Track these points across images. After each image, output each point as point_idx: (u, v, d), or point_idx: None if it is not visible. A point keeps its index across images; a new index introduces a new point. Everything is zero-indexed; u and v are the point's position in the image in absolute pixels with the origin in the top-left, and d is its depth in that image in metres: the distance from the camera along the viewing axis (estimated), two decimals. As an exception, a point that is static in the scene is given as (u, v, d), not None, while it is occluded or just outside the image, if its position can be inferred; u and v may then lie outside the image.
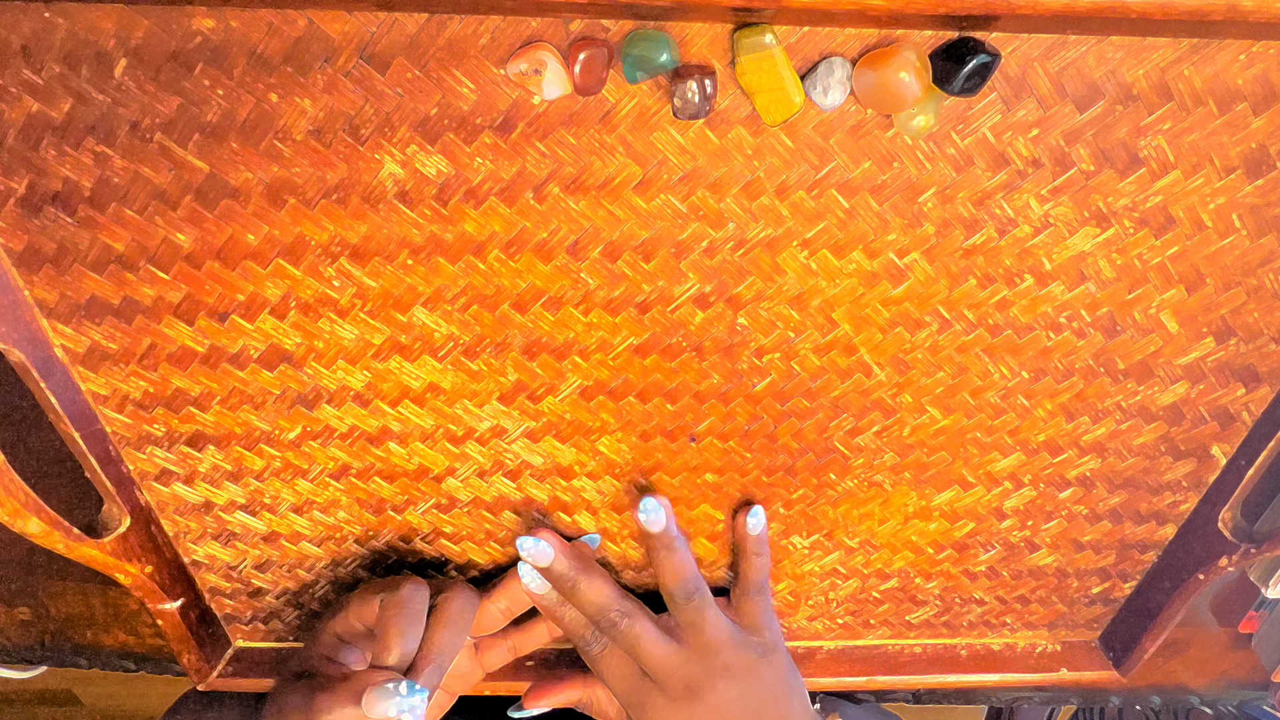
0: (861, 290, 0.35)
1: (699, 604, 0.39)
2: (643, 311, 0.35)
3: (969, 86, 0.28)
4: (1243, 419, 0.39)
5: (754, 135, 0.31)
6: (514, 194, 0.32)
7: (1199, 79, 0.30)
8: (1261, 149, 0.31)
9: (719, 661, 0.38)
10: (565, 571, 0.39)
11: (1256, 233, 0.33)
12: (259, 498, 0.40)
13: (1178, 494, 0.42)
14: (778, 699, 0.39)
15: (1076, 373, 0.37)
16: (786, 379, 0.37)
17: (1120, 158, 0.31)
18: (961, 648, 0.49)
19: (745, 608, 0.41)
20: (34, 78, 0.28)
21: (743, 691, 0.38)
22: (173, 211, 0.31)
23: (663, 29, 0.28)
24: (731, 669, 0.38)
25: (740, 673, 0.38)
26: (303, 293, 0.33)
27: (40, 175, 0.30)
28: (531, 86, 0.29)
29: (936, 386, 0.37)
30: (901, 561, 0.44)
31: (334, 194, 0.31)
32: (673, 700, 0.37)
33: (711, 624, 0.39)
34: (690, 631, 0.39)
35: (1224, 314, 0.36)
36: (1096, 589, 0.46)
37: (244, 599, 0.44)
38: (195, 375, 0.35)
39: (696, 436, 0.39)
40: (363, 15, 0.28)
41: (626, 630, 0.38)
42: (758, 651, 0.39)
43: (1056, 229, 0.33)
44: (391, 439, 0.38)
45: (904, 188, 0.32)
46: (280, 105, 0.29)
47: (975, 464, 0.40)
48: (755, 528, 0.41)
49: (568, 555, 0.39)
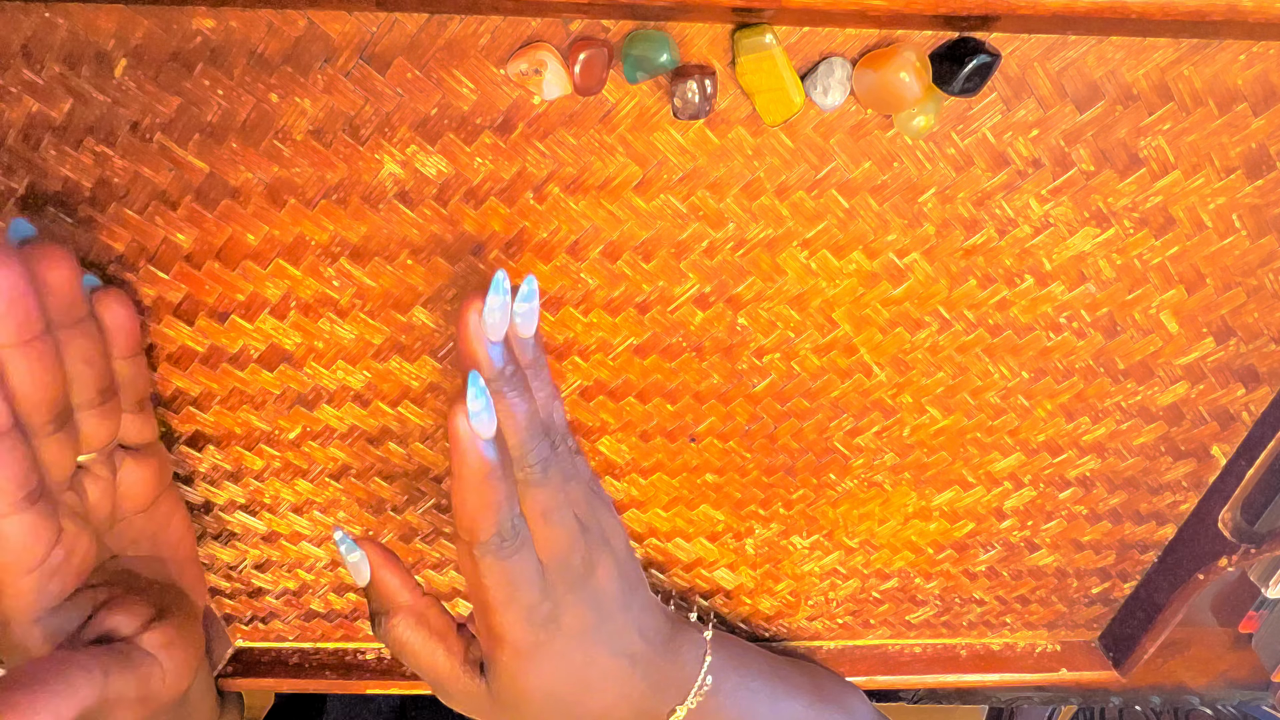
0: (861, 290, 0.35)
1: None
2: (643, 311, 0.35)
3: (969, 87, 0.28)
4: (1243, 419, 0.39)
5: (754, 135, 0.31)
6: (514, 194, 0.32)
7: (1199, 79, 0.30)
8: (1261, 149, 0.31)
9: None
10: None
11: (1256, 233, 0.33)
12: (259, 498, 0.40)
13: (1178, 494, 0.42)
14: (586, 679, 0.33)
15: (1076, 373, 0.37)
16: (786, 379, 0.37)
17: (1120, 158, 0.31)
18: (961, 648, 0.49)
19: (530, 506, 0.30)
20: (34, 78, 0.28)
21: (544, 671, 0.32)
22: (173, 211, 0.31)
23: (663, 29, 0.28)
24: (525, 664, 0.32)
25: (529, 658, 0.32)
26: (303, 293, 0.34)
27: (40, 175, 0.30)
28: (531, 86, 0.29)
29: (936, 387, 0.37)
30: (901, 561, 0.44)
31: (334, 194, 0.31)
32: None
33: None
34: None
35: (1224, 314, 0.36)
36: (1096, 589, 0.46)
37: (244, 599, 0.44)
38: (195, 375, 0.35)
39: (696, 436, 0.39)
40: (363, 15, 0.28)
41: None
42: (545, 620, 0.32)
43: (1056, 229, 0.33)
44: (391, 439, 0.38)
45: (904, 188, 0.32)
46: (280, 105, 0.29)
47: (975, 464, 0.40)
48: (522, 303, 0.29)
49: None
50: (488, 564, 0.29)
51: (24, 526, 0.27)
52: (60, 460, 0.29)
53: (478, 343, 0.28)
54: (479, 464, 0.27)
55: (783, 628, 0.47)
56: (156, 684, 0.32)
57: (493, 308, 0.27)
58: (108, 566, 0.34)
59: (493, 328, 0.28)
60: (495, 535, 0.29)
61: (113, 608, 0.32)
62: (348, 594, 0.44)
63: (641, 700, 0.36)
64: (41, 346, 0.27)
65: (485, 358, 0.28)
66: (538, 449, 0.30)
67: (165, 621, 0.33)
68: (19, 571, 0.28)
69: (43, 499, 0.28)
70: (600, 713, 0.35)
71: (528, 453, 0.29)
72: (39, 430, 0.28)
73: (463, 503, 0.28)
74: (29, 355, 0.26)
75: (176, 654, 0.33)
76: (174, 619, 0.34)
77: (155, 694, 0.32)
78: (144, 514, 0.35)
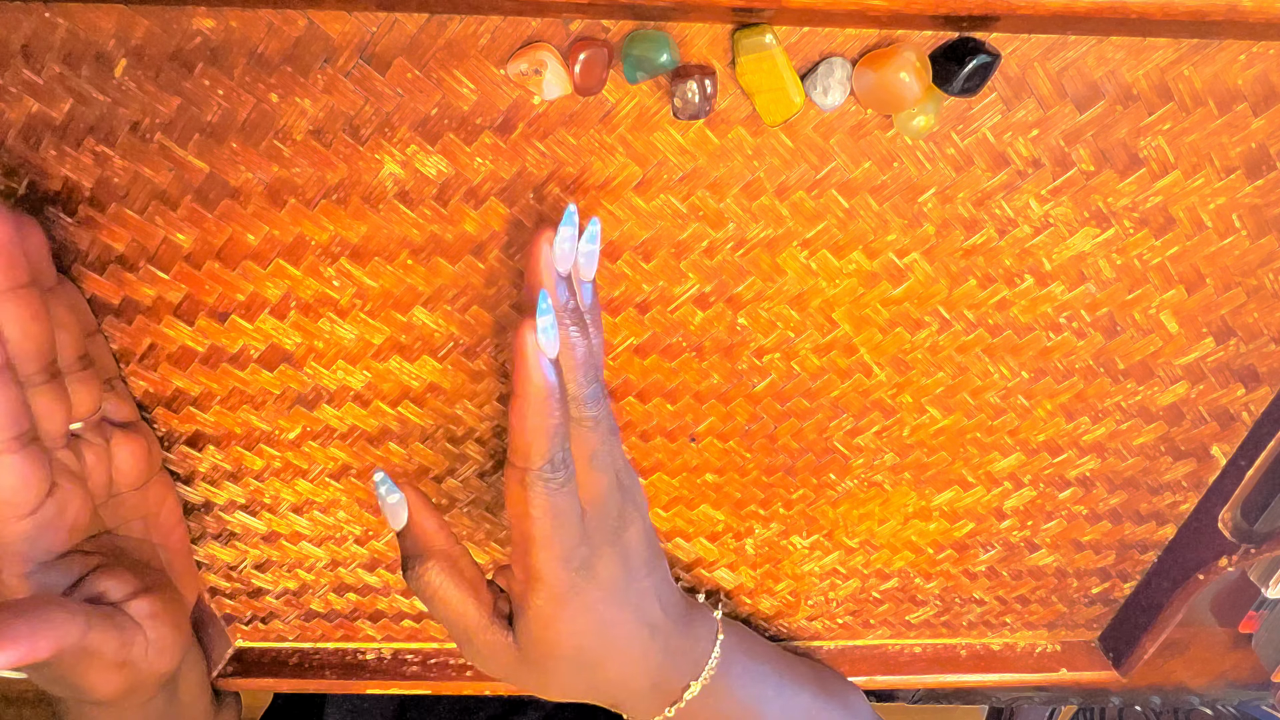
0: (861, 290, 0.35)
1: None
2: (643, 311, 0.35)
3: (969, 87, 0.28)
4: (1243, 419, 0.39)
5: (754, 135, 0.31)
6: (514, 194, 0.32)
7: (1199, 79, 0.30)
8: (1261, 149, 0.31)
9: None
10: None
11: (1256, 233, 0.33)
12: (259, 498, 0.40)
13: (1178, 494, 0.42)
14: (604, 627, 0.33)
15: (1076, 373, 0.37)
16: (786, 379, 0.37)
17: (1120, 158, 0.31)
18: (961, 648, 0.49)
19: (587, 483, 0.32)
20: (34, 78, 0.28)
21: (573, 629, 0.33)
22: (173, 211, 0.31)
23: (663, 29, 0.28)
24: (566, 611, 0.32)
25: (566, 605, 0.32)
26: (303, 293, 0.34)
27: (40, 175, 0.30)
28: (531, 86, 0.29)
29: (936, 387, 0.37)
30: (901, 561, 0.44)
31: (334, 194, 0.31)
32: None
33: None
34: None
35: (1224, 314, 0.36)
36: (1096, 589, 0.46)
37: (244, 599, 0.44)
38: (195, 375, 0.35)
39: (696, 436, 0.39)
40: (363, 15, 0.28)
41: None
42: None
43: (1056, 229, 0.33)
44: (391, 439, 0.38)
45: (904, 188, 0.32)
46: (280, 105, 0.29)
47: (975, 464, 0.40)
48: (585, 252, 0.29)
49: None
50: (536, 491, 0.30)
51: (15, 469, 0.28)
52: (51, 413, 0.30)
53: (547, 270, 0.28)
54: (542, 382, 0.28)
55: (783, 628, 0.47)
56: (139, 652, 0.33)
57: (563, 237, 0.28)
58: (101, 540, 0.34)
59: (561, 257, 0.28)
60: (548, 463, 0.29)
61: (102, 573, 0.32)
62: (348, 594, 0.44)
63: (658, 672, 0.36)
64: (29, 295, 0.28)
65: (552, 286, 0.28)
66: (592, 389, 0.30)
67: (153, 594, 0.34)
68: (11, 516, 0.29)
69: (35, 444, 0.29)
70: (619, 680, 0.35)
71: (583, 389, 0.30)
72: (30, 379, 0.29)
73: (521, 421, 0.29)
74: (18, 302, 0.27)
75: (162, 628, 0.34)
76: (162, 595, 0.34)
77: (135, 662, 0.33)
78: (137, 493, 0.35)
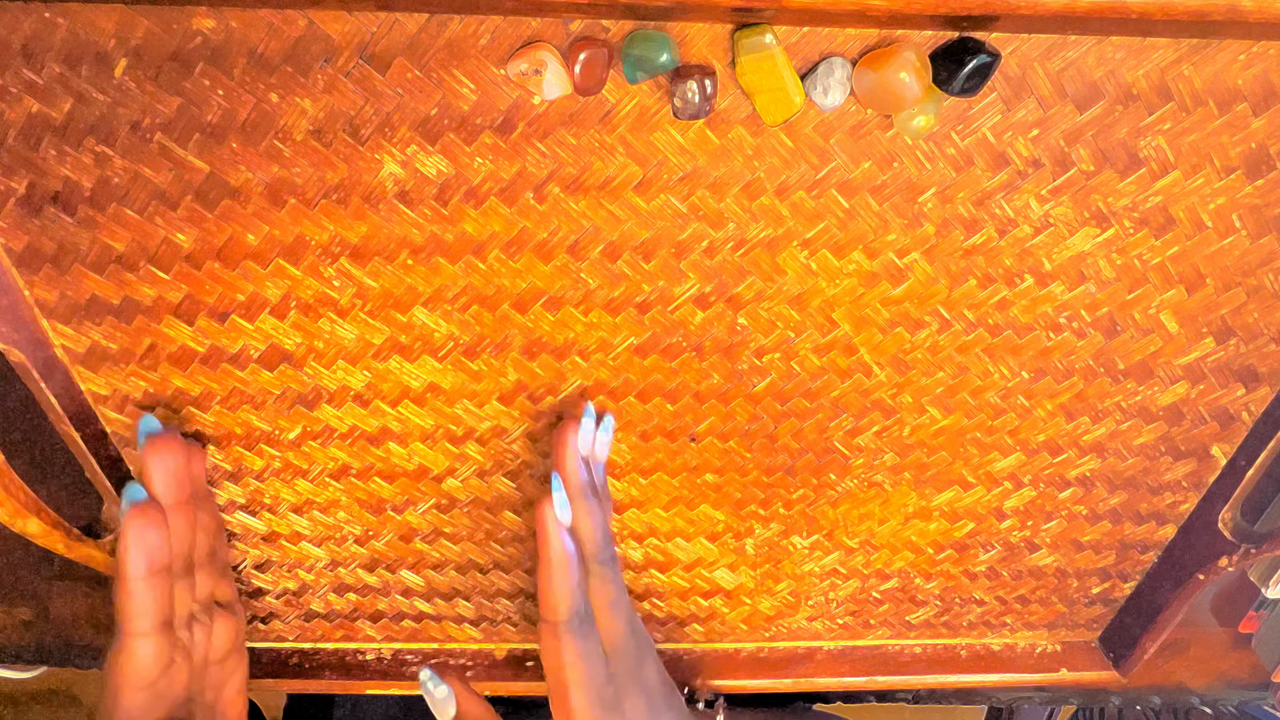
0: (861, 290, 0.35)
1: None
2: (643, 311, 0.35)
3: (969, 87, 0.28)
4: (1243, 419, 0.39)
5: (754, 135, 0.31)
6: (514, 194, 0.32)
7: (1199, 79, 0.30)
8: (1261, 149, 0.31)
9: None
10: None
11: (1256, 233, 0.33)
12: (259, 498, 0.40)
13: (1178, 494, 0.42)
14: None
15: (1076, 373, 0.37)
16: (786, 379, 0.37)
17: (1120, 158, 0.31)
18: (961, 648, 0.49)
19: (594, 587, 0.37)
20: (34, 78, 0.28)
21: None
22: (173, 211, 0.31)
23: (663, 29, 0.28)
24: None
25: None
26: (303, 293, 0.34)
27: (40, 175, 0.30)
28: (531, 86, 0.29)
29: (936, 386, 0.37)
30: (901, 562, 0.44)
31: (334, 194, 0.31)
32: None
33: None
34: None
35: (1224, 314, 0.36)
36: (1096, 589, 0.46)
37: (244, 599, 0.44)
38: (195, 375, 0.35)
39: (696, 436, 0.39)
40: (363, 15, 0.28)
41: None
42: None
43: (1056, 229, 0.33)
44: (391, 439, 0.38)
45: (904, 188, 0.32)
46: (280, 105, 0.29)
47: (975, 464, 0.40)
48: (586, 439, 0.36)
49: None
50: (567, 640, 0.35)
51: (151, 648, 0.33)
52: (184, 600, 0.35)
53: (573, 455, 0.35)
54: (561, 549, 0.34)
55: (783, 628, 0.47)
56: None
57: (585, 429, 0.35)
58: (185, 708, 0.37)
59: (583, 438, 0.35)
60: (574, 614, 0.35)
61: None
62: (348, 594, 0.44)
63: None
64: (188, 509, 0.34)
65: (575, 467, 0.35)
66: (608, 547, 0.36)
67: None
68: (136, 686, 0.33)
69: (169, 629, 0.33)
70: None
71: (601, 549, 0.36)
72: (176, 575, 0.34)
73: (548, 582, 0.34)
74: (179, 514, 0.34)
75: None
76: None
77: None
78: (218, 664, 0.38)
